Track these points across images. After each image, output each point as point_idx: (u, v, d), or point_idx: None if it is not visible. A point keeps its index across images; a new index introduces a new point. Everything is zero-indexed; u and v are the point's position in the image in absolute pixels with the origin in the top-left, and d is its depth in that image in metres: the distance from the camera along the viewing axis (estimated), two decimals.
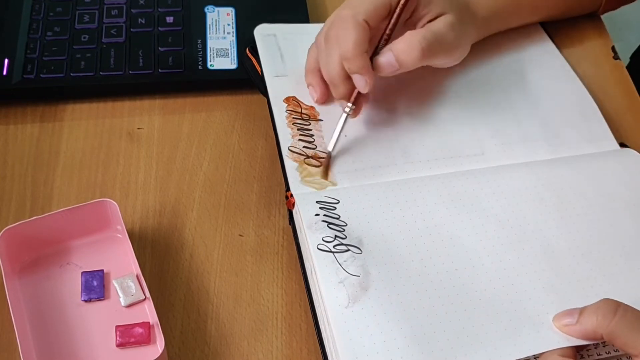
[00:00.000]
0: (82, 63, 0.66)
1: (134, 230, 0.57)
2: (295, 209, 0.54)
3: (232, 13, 0.71)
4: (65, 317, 0.52)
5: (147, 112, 0.65)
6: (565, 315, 0.48)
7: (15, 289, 0.52)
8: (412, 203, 0.54)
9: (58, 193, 0.60)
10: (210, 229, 0.58)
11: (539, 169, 0.57)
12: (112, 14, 0.70)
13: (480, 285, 0.50)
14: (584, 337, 0.47)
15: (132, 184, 0.60)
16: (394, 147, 0.58)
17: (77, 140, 0.63)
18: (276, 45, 0.65)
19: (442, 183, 0.56)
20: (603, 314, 0.46)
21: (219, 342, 0.53)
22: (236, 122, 0.65)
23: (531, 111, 0.62)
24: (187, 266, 0.56)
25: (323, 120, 0.60)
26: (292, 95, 0.61)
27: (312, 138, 0.58)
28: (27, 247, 0.54)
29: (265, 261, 0.57)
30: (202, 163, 0.62)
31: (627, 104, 0.67)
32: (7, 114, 0.65)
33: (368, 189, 0.55)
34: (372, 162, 0.57)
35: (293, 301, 0.55)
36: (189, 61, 0.67)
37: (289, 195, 0.55)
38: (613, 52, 0.71)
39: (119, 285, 0.53)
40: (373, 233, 0.52)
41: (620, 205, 0.55)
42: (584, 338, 0.47)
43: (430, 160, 0.58)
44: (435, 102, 0.62)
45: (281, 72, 0.63)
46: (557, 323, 0.48)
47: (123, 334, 0.51)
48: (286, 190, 0.55)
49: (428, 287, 0.50)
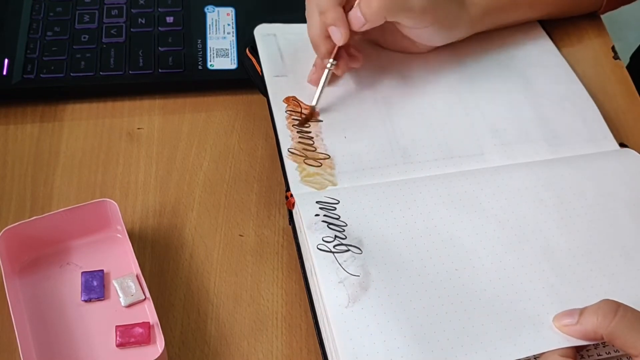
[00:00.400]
0: (82, 63, 0.66)
1: (134, 230, 0.57)
2: (295, 209, 0.54)
3: (232, 13, 0.71)
4: (65, 317, 0.52)
5: (147, 112, 0.65)
6: (565, 315, 0.48)
7: (15, 289, 0.52)
8: (412, 203, 0.54)
9: (58, 193, 0.60)
10: (210, 229, 0.58)
11: (539, 169, 0.57)
12: (112, 14, 0.70)
13: (480, 285, 0.50)
14: (584, 337, 0.47)
15: (132, 184, 0.60)
16: (394, 147, 0.58)
17: (77, 140, 0.63)
18: (276, 45, 0.65)
19: (442, 183, 0.56)
20: (603, 314, 0.45)
21: (219, 342, 0.53)
22: (236, 122, 0.65)
23: (531, 111, 0.62)
24: (187, 266, 0.56)
25: (323, 121, 0.60)
26: (292, 96, 0.61)
27: (311, 140, 0.58)
28: (27, 247, 0.54)
29: (265, 261, 0.57)
30: (202, 163, 0.62)
31: (627, 104, 0.67)
32: (7, 114, 0.65)
33: (368, 189, 0.55)
34: (373, 163, 0.57)
35: (293, 301, 0.55)
36: (189, 61, 0.67)
37: (288, 196, 0.55)
38: (613, 52, 0.71)
39: (119, 285, 0.53)
40: (373, 233, 0.52)
41: (620, 205, 0.55)
42: (584, 338, 0.47)
43: (430, 161, 0.58)
44: (435, 103, 0.62)
45: (281, 72, 0.63)
46: (557, 323, 0.48)
47: (123, 334, 0.51)
48: (286, 190, 0.55)
49: (428, 287, 0.50)
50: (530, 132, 0.61)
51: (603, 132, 0.61)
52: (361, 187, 0.55)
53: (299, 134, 0.58)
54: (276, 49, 0.64)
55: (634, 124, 0.65)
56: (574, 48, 0.70)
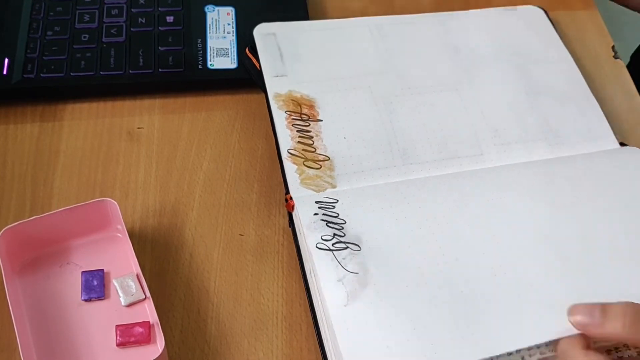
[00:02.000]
0: (82, 63, 0.66)
1: (134, 229, 0.57)
2: (295, 212, 0.54)
3: (232, 12, 0.71)
4: (66, 316, 0.52)
5: (147, 111, 0.65)
6: (583, 312, 0.44)
7: (15, 288, 0.52)
8: (411, 200, 0.54)
9: (58, 192, 0.60)
10: (211, 228, 0.58)
11: (538, 168, 0.57)
12: (112, 14, 0.70)
13: (480, 278, 0.50)
14: (603, 339, 0.44)
15: (132, 184, 0.60)
16: (393, 149, 0.58)
17: (77, 140, 0.63)
18: (276, 44, 0.65)
19: (441, 183, 0.56)
20: (631, 322, 0.42)
21: (219, 341, 0.52)
22: (236, 121, 0.65)
23: (532, 110, 0.62)
24: (187, 265, 0.56)
25: (322, 121, 0.60)
26: (291, 95, 0.61)
27: (311, 140, 0.58)
28: (27, 247, 0.54)
29: (265, 260, 0.57)
30: (202, 162, 0.62)
31: (627, 104, 0.67)
32: (7, 114, 0.65)
33: (368, 189, 0.55)
34: (372, 165, 0.57)
35: (293, 300, 0.55)
36: (189, 61, 0.67)
37: (288, 198, 0.55)
38: (613, 51, 0.71)
39: (119, 284, 0.53)
40: (372, 230, 0.52)
41: (621, 203, 0.55)
42: (602, 340, 0.45)
43: (430, 162, 0.58)
44: (435, 102, 0.62)
45: (281, 72, 0.63)
46: (573, 319, 0.45)
47: (123, 333, 0.51)
48: (286, 192, 0.55)
49: (428, 280, 0.50)
50: (530, 131, 0.61)
51: (604, 130, 0.61)
52: (361, 188, 0.55)
53: (299, 133, 0.58)
54: (276, 48, 0.64)
55: (634, 124, 0.65)
56: (574, 47, 0.70)
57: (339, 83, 0.62)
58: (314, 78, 0.62)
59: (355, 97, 0.61)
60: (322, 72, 0.63)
